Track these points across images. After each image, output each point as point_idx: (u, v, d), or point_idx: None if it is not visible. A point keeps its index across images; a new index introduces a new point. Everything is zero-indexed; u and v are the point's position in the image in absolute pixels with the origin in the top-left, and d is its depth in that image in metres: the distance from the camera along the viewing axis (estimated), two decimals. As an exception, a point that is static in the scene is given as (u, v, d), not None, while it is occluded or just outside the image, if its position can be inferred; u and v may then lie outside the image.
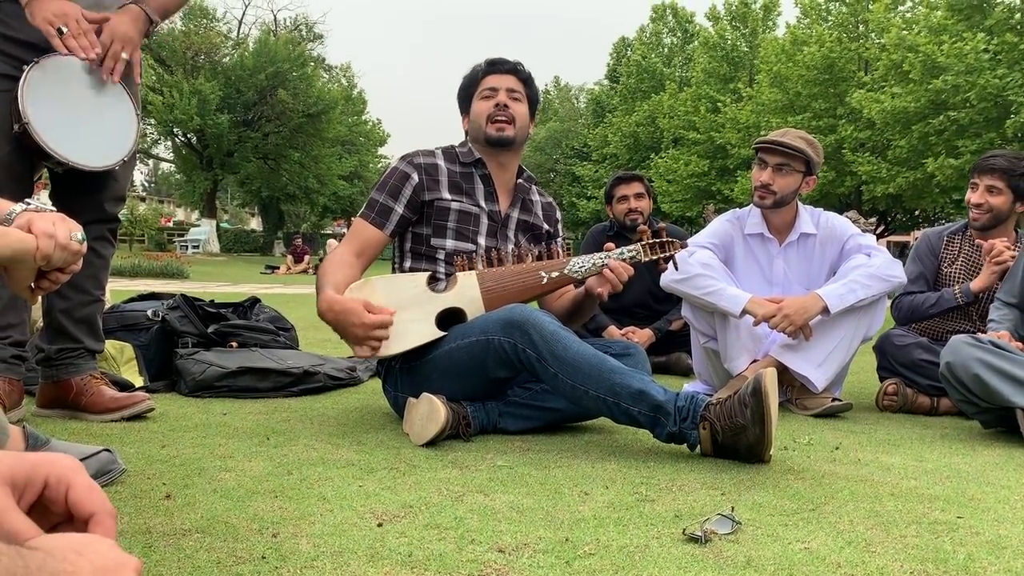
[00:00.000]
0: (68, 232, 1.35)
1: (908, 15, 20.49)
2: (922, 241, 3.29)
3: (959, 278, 3.15)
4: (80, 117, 2.19)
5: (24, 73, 2.09)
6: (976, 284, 3.04)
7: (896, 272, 2.84)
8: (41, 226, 1.32)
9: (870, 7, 21.39)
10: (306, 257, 21.42)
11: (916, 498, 1.75)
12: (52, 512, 0.69)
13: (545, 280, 2.37)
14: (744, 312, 2.79)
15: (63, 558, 0.55)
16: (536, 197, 2.67)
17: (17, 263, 1.31)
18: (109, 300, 3.32)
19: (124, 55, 2.21)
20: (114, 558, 0.59)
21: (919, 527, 1.53)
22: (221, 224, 39.22)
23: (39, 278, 1.37)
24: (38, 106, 2.10)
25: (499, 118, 2.48)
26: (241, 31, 36.41)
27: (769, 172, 2.94)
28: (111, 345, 2.87)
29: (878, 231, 24.24)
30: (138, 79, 2.28)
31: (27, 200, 1.40)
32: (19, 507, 0.67)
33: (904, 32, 18.21)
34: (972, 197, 3.13)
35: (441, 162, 2.54)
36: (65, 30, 2.07)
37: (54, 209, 1.39)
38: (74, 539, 0.59)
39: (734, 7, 28.91)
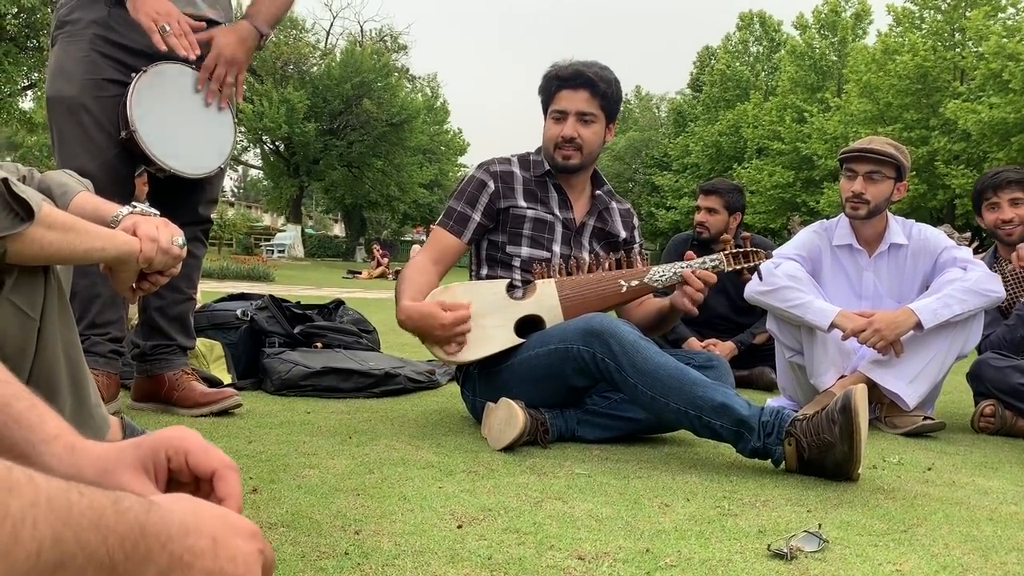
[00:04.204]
0: (170, 237, 1.40)
1: (1009, 22, 19.68)
2: None
3: (1012, 300, 3.04)
4: (183, 125, 2.28)
5: (133, 81, 2.19)
6: None
7: (995, 287, 2.71)
8: (145, 230, 1.38)
9: (967, 15, 20.64)
10: (386, 260, 21.82)
11: (1017, 524, 1.66)
12: (184, 484, 0.72)
13: (624, 289, 2.35)
14: (833, 326, 2.70)
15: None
16: (614, 205, 2.65)
17: (121, 264, 1.37)
18: (200, 300, 3.44)
19: (229, 78, 2.30)
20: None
21: (1020, 555, 1.45)
22: (306, 229, 40.24)
23: (140, 279, 1.43)
24: (144, 114, 2.19)
25: (565, 147, 2.46)
26: (329, 42, 37.43)
27: (860, 181, 2.85)
28: (201, 343, 2.97)
29: (973, 247, 23.30)
30: (240, 99, 2.36)
31: (133, 203, 1.46)
32: (159, 488, 0.70)
33: (1004, 40, 17.49)
34: (1000, 215, 3.06)
35: (517, 170, 2.54)
36: (168, 28, 2.16)
37: (157, 213, 1.45)
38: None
39: (823, 15, 28.27)
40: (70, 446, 0.74)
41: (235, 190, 68.98)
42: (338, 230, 50.69)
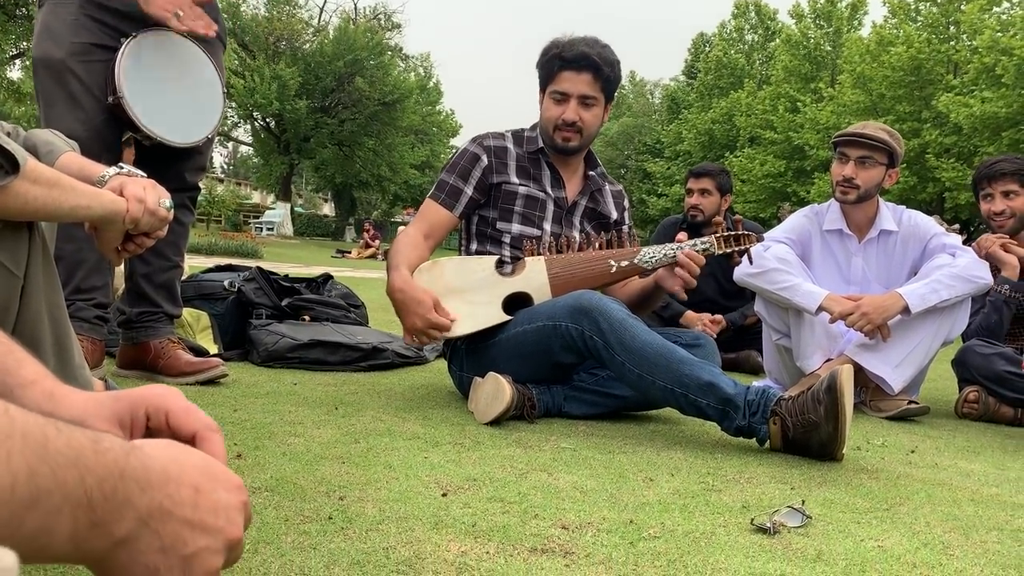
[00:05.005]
0: (157, 198, 1.39)
1: (1004, 17, 19.68)
2: None
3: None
4: (171, 93, 2.26)
5: (122, 46, 2.17)
6: (1008, 273, 2.95)
7: (982, 273, 2.73)
8: (132, 190, 1.36)
9: (963, 8, 20.64)
10: (376, 242, 21.72)
11: (998, 505, 1.67)
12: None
13: (614, 269, 2.34)
14: (820, 309, 2.71)
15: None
16: (607, 187, 2.64)
17: (107, 224, 1.35)
18: (187, 272, 3.42)
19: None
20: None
21: (1000, 534, 1.47)
22: (295, 208, 40.02)
23: (125, 241, 1.41)
24: (133, 80, 2.17)
25: (566, 130, 2.44)
26: (322, 19, 37.04)
27: (852, 166, 2.85)
28: (188, 313, 2.95)
29: (962, 240, 23.40)
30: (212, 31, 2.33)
31: (120, 164, 1.44)
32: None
33: (999, 34, 17.52)
34: (992, 207, 3.10)
35: (510, 145, 2.53)
36: (181, 14, 2.16)
37: (144, 175, 1.43)
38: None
39: (819, 5, 28.21)
40: (48, 392, 0.72)
41: (225, 167, 68.47)
42: (328, 209, 50.42)
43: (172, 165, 2.38)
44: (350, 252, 21.28)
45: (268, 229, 30.46)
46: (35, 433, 0.47)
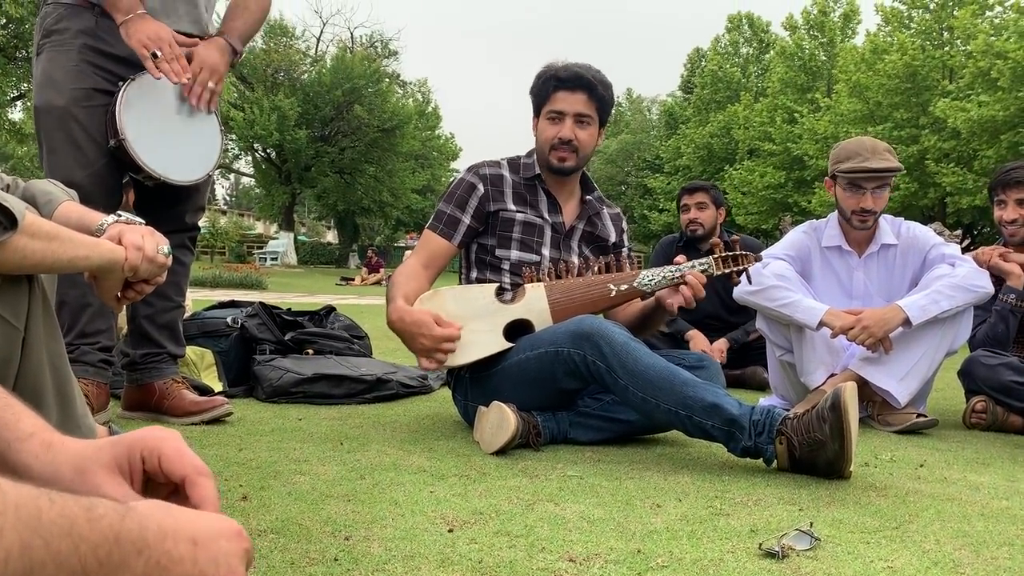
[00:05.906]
0: (156, 246, 1.40)
1: (996, 21, 19.75)
2: None
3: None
4: (170, 133, 2.28)
5: (120, 90, 2.19)
6: (1013, 282, 2.94)
7: (982, 282, 2.72)
8: (131, 238, 1.37)
9: (955, 13, 20.71)
10: (381, 269, 21.76)
11: (1008, 519, 1.66)
12: (163, 485, 0.71)
13: (614, 293, 2.35)
14: (821, 324, 2.71)
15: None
16: (604, 210, 2.65)
17: (106, 273, 1.36)
18: (190, 308, 3.43)
19: (211, 84, 2.30)
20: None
21: (1011, 549, 1.46)
22: (298, 237, 40.12)
23: (125, 288, 1.42)
24: (133, 122, 2.19)
25: (561, 149, 2.46)
26: (319, 48, 37.33)
27: (870, 197, 2.84)
28: (192, 351, 2.96)
29: (964, 244, 23.36)
30: (214, 106, 2.36)
31: (118, 212, 1.45)
32: (134, 489, 0.70)
33: (992, 38, 17.57)
34: (1004, 215, 3.08)
35: (506, 173, 2.54)
36: (159, 54, 2.17)
37: (143, 222, 1.44)
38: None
39: (812, 16, 28.34)
40: (46, 443, 0.73)
41: (227, 198, 68.79)
42: (331, 237, 50.58)
43: (172, 206, 2.40)
44: (354, 279, 21.30)
45: (272, 259, 30.53)
46: (28, 506, 0.48)
